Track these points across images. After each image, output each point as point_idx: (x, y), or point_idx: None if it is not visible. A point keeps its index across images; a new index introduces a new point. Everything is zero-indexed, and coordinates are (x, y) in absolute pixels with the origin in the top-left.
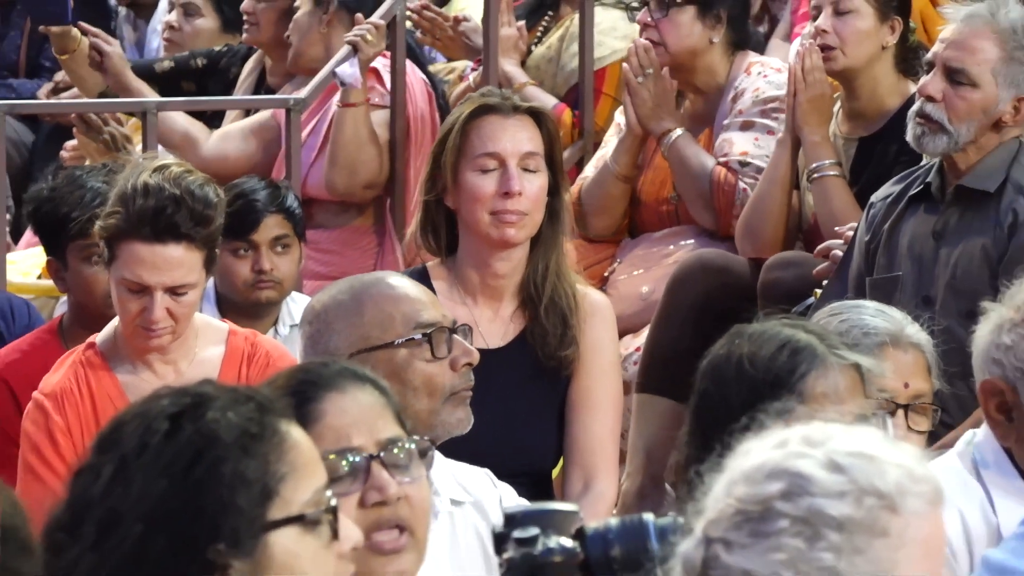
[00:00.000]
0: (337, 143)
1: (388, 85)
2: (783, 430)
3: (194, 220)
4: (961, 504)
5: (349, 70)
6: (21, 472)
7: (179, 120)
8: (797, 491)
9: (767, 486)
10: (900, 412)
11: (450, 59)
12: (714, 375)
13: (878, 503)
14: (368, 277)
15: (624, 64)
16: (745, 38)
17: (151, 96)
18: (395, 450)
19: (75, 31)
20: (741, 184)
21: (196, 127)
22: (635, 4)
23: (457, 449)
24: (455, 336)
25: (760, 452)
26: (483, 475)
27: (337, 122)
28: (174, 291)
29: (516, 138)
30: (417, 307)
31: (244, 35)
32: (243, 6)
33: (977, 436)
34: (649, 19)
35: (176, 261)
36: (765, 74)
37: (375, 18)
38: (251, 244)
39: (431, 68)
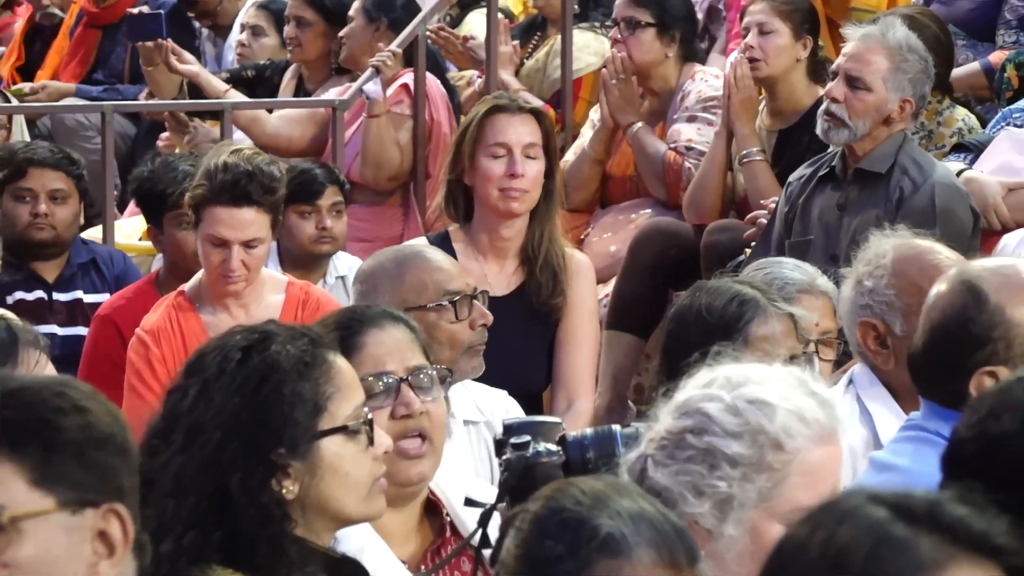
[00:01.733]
0: (366, 145)
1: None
2: (716, 368)
3: (263, 189)
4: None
5: (373, 88)
6: (126, 392)
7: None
8: (702, 429)
9: (683, 421)
10: (812, 345)
11: (460, 69)
12: (679, 320)
13: (765, 442)
14: (409, 249)
15: (603, 70)
16: (693, 52)
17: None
18: (420, 375)
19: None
20: (687, 164)
21: (261, 114)
22: (606, 27)
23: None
24: (475, 302)
25: (691, 388)
26: (501, 395)
27: (364, 130)
28: (247, 245)
29: (520, 131)
30: (447, 277)
31: (289, 55)
32: (286, 32)
33: (855, 371)
34: (619, 36)
35: (249, 221)
36: (706, 79)
37: (398, 41)
38: (315, 208)
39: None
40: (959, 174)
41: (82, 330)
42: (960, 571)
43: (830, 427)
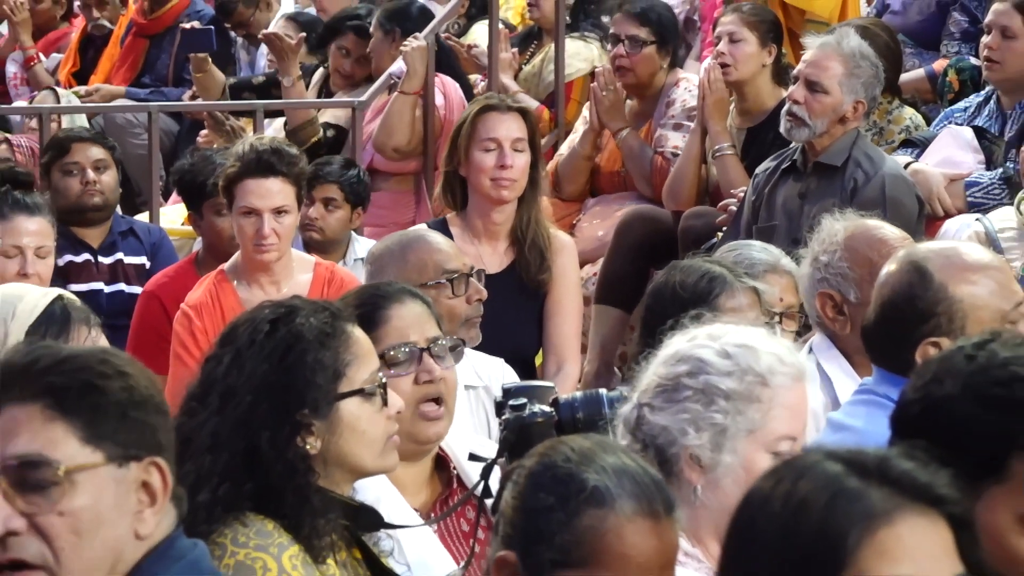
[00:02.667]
0: (387, 115)
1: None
2: (695, 327)
3: (285, 162)
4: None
5: (400, 68)
6: (172, 360)
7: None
8: (697, 371)
9: (678, 367)
10: (776, 318)
11: (466, 73)
12: (656, 295)
13: (754, 379)
14: (412, 234)
15: (593, 84)
16: (676, 60)
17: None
18: (438, 345)
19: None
20: (670, 166)
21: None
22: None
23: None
24: (471, 279)
25: (677, 343)
26: (498, 362)
27: (392, 100)
28: (276, 213)
29: (509, 128)
30: (445, 258)
31: (324, 67)
32: (332, 66)
33: (814, 340)
34: (623, 53)
35: (276, 191)
36: (690, 89)
37: (424, 33)
38: (310, 199)
39: None
40: (907, 166)
41: (123, 287)
42: (907, 518)
43: (801, 368)
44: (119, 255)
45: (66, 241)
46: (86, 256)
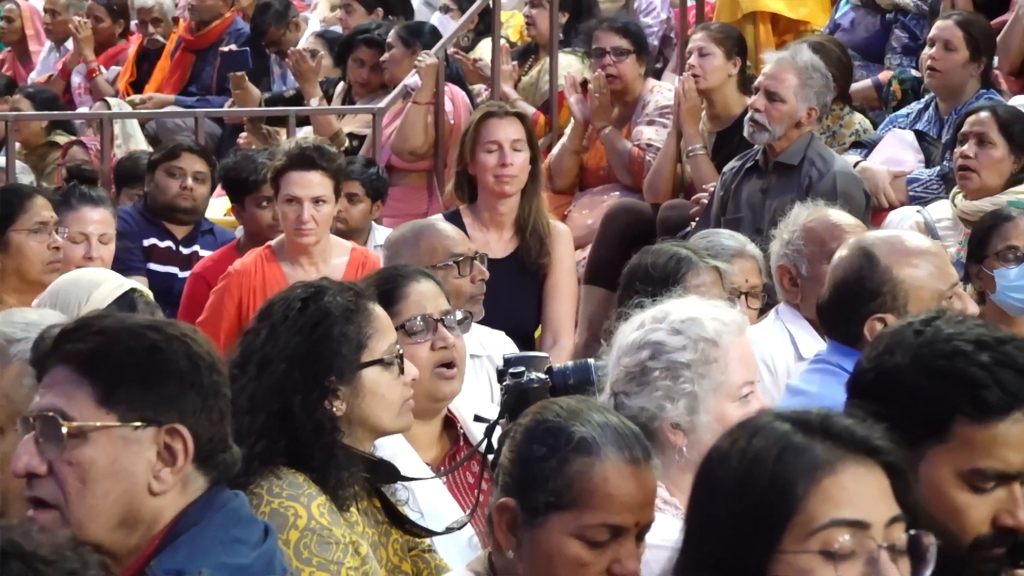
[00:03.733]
0: (403, 123)
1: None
2: (636, 316)
3: (325, 158)
4: (776, 347)
5: (414, 81)
6: (208, 305)
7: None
8: (658, 352)
9: (639, 354)
10: (742, 297)
11: (471, 84)
12: (630, 275)
13: (706, 345)
14: (424, 222)
15: (590, 86)
16: (651, 70)
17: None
18: (449, 317)
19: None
20: (647, 157)
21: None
22: (586, 53)
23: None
24: (475, 262)
25: (630, 333)
26: (499, 335)
27: (407, 111)
28: (315, 201)
29: (508, 130)
30: (452, 243)
31: (346, 79)
32: (352, 78)
33: (779, 306)
34: (610, 61)
35: (316, 182)
36: (662, 92)
37: (434, 50)
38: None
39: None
40: (856, 165)
41: None
42: (847, 468)
43: (740, 322)
44: (196, 247)
45: (154, 228)
46: (168, 243)
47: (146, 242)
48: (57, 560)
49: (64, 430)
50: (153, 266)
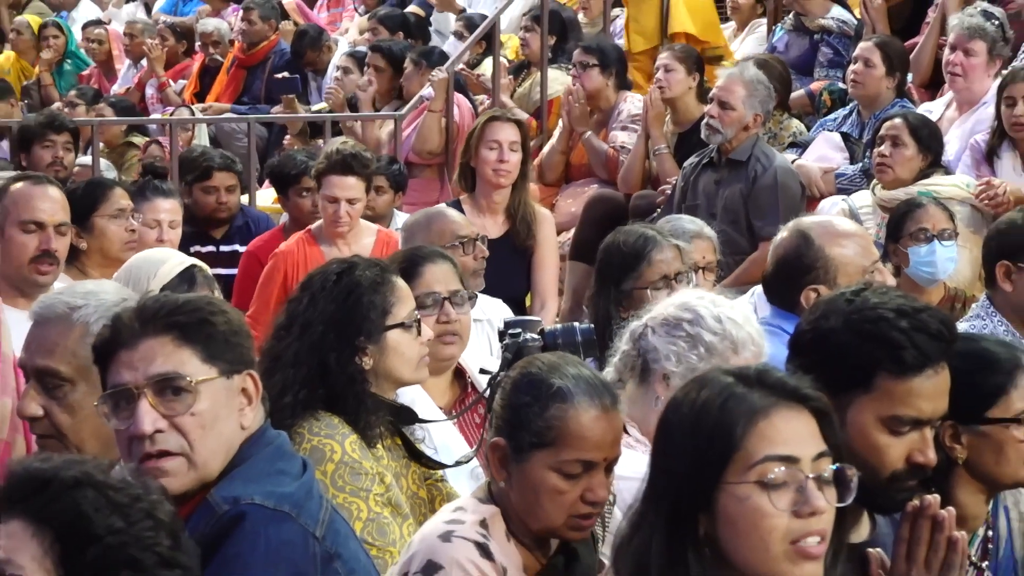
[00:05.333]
0: (421, 127)
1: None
2: (707, 292)
3: (360, 164)
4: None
5: (429, 92)
6: (260, 283)
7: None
8: (695, 321)
9: (684, 312)
10: (699, 271)
11: (475, 94)
12: (606, 250)
13: (729, 344)
14: (435, 209)
15: (568, 96)
16: (625, 83)
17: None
18: (457, 296)
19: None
20: (621, 157)
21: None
22: (566, 67)
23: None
24: (477, 242)
25: (690, 297)
26: (498, 302)
27: (424, 117)
28: (350, 201)
29: (507, 133)
30: (458, 227)
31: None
32: (363, 82)
33: (756, 291)
34: (576, 74)
35: (351, 185)
36: (633, 102)
37: (445, 67)
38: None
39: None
40: (793, 162)
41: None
42: (780, 411)
43: (763, 350)
44: (236, 246)
45: (195, 235)
46: (210, 247)
47: (192, 249)
48: (124, 487)
49: (185, 388)
50: None
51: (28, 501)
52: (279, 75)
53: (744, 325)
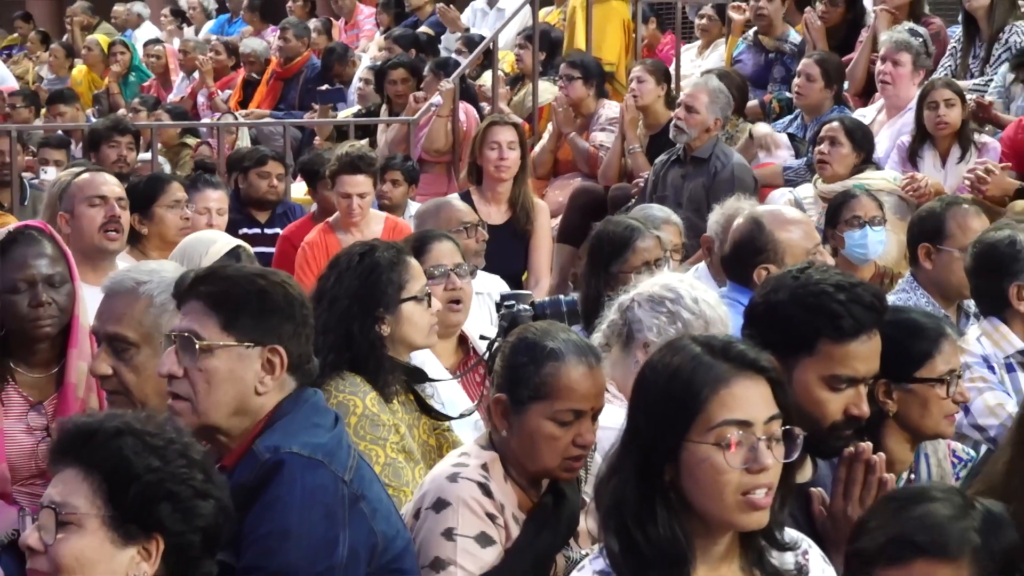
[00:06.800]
0: (431, 130)
1: (458, 113)
2: (692, 276)
3: (367, 164)
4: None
5: (438, 100)
6: (296, 270)
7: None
8: (676, 300)
9: (666, 292)
10: (668, 252)
11: (479, 100)
12: (597, 238)
13: (703, 323)
14: (442, 199)
15: (555, 103)
16: (603, 92)
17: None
18: (460, 268)
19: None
20: (600, 155)
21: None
22: (554, 79)
23: (484, 267)
24: (478, 228)
25: (673, 278)
26: (497, 279)
27: (433, 122)
28: (360, 196)
29: (506, 135)
30: (462, 214)
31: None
32: (392, 94)
33: (699, 267)
34: (563, 85)
35: (361, 182)
36: (611, 108)
37: (451, 79)
38: (383, 179)
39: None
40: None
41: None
42: (739, 381)
43: (726, 330)
44: (278, 228)
45: (243, 218)
46: (256, 229)
47: (240, 231)
48: (159, 432)
49: (197, 346)
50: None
51: (78, 451)
52: (323, 87)
53: (716, 308)
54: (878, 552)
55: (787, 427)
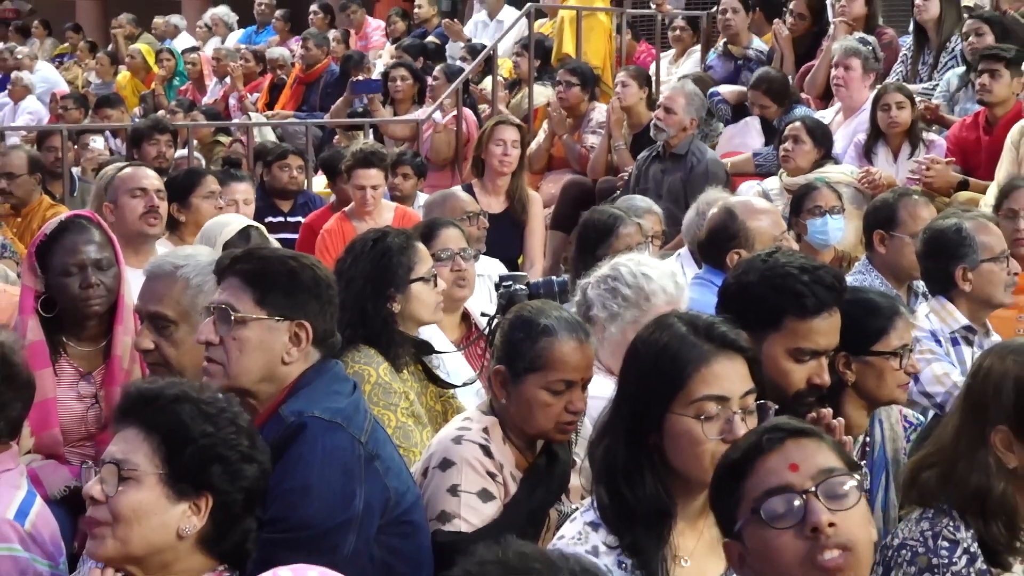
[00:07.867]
0: (433, 142)
1: (460, 116)
2: (637, 256)
3: (378, 159)
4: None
5: (439, 117)
6: (316, 255)
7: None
8: (616, 277)
9: (609, 271)
10: (649, 239)
11: (478, 104)
12: (584, 226)
13: (642, 296)
14: (448, 191)
15: (549, 107)
16: (593, 96)
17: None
18: (465, 251)
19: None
20: (591, 155)
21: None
22: (549, 84)
23: (485, 252)
24: (479, 216)
25: (619, 259)
26: (495, 262)
27: (434, 138)
28: (373, 187)
29: (509, 134)
30: (465, 204)
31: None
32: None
33: (681, 252)
34: (562, 90)
35: (374, 175)
36: (600, 111)
37: (451, 89)
38: (395, 173)
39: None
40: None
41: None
42: (720, 359)
43: (676, 298)
44: (299, 217)
45: (268, 208)
46: (280, 218)
47: (266, 219)
48: (213, 401)
49: (232, 318)
50: (271, 236)
51: (140, 413)
52: (359, 78)
53: (657, 280)
54: (743, 456)
55: (761, 401)
